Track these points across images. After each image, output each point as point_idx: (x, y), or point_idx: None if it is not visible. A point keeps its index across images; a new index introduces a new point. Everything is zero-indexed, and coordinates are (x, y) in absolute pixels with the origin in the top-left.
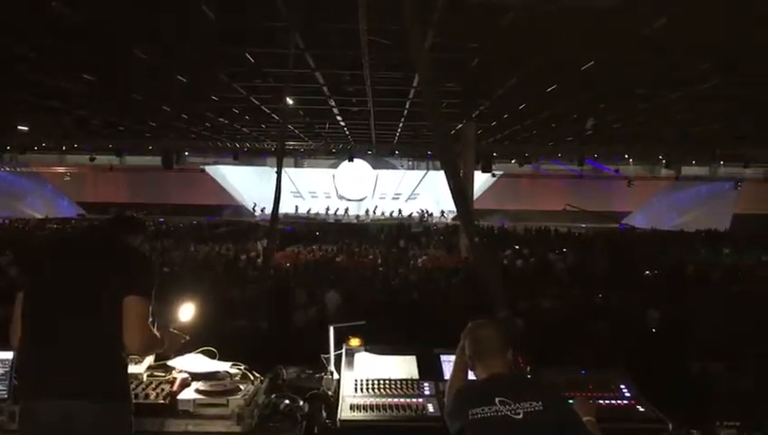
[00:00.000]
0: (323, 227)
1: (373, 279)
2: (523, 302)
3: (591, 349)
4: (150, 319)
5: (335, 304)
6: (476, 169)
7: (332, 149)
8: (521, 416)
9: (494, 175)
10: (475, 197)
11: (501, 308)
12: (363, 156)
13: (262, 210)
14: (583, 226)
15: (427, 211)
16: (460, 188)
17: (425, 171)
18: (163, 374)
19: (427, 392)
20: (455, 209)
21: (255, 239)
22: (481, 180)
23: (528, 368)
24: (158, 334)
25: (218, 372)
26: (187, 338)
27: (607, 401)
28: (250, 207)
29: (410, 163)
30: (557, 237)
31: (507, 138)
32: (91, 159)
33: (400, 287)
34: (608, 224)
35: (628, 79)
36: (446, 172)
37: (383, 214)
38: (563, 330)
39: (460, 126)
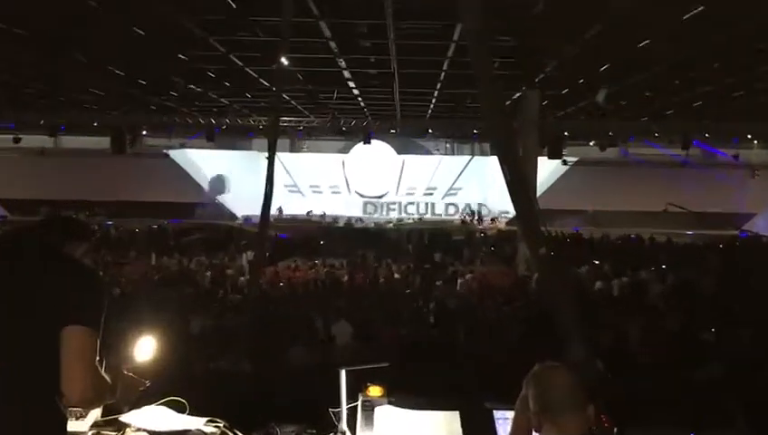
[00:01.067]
0: (330, 234)
1: (398, 305)
2: (607, 338)
3: (701, 403)
4: (98, 358)
5: (347, 338)
6: (541, 155)
7: (342, 127)
8: None
9: (565, 162)
10: (540, 192)
11: (576, 347)
12: (384, 136)
13: (246, 219)
14: (689, 233)
15: (472, 211)
16: (519, 181)
17: (468, 157)
18: (114, 433)
19: None
20: (510, 209)
21: (238, 250)
22: (548, 170)
23: (615, 429)
24: (107, 378)
25: (189, 431)
26: (147, 384)
27: None
28: (231, 206)
29: (448, 146)
30: (652, 249)
31: (583, 111)
32: (16, 141)
33: (436, 317)
34: (723, 230)
35: (752, 28)
36: (498, 158)
37: (411, 216)
38: (662, 376)
39: (518, 95)
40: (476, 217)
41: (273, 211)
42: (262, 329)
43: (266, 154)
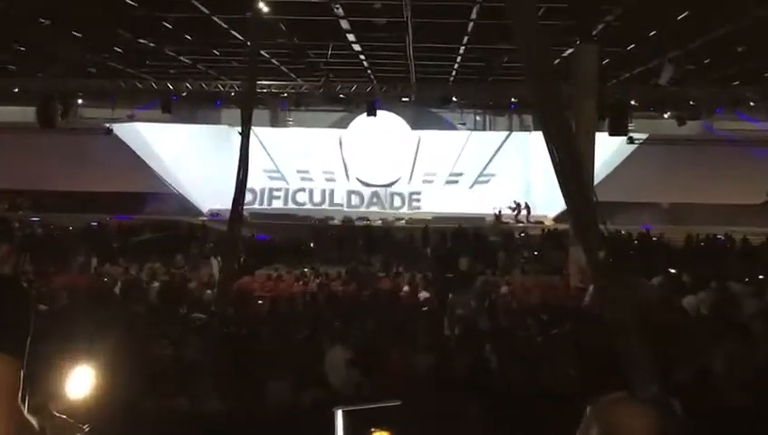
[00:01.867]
0: (323, 235)
1: (412, 326)
2: (687, 371)
3: None
4: (20, 395)
5: (343, 369)
6: (601, 130)
7: (339, 93)
8: None
9: (631, 140)
10: (599, 179)
11: (646, 382)
12: (394, 106)
13: (213, 214)
14: None
15: (518, 204)
16: (571, 165)
17: (505, 133)
18: None
19: None
20: (560, 202)
21: (203, 255)
22: (609, 150)
23: None
24: (32, 422)
25: None
26: (86, 429)
27: None
28: (193, 197)
29: (478, 119)
30: (745, 254)
31: (654, 73)
32: None
33: (461, 341)
34: None
35: None
36: (544, 135)
37: (429, 210)
38: (760, 420)
39: (571, 52)
40: (521, 212)
41: (250, 204)
42: (233, 358)
43: (239, 129)
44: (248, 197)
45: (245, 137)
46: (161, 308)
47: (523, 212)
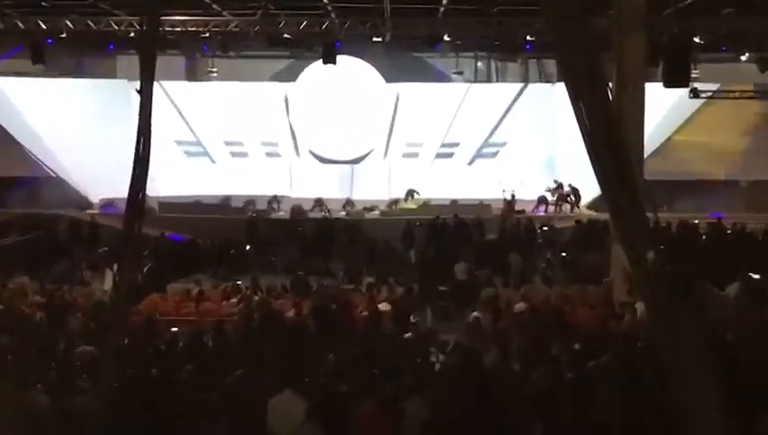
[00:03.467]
0: (264, 233)
1: (391, 361)
2: None
3: None
4: None
5: (295, 423)
6: (651, 80)
7: (283, 32)
8: None
9: (695, 94)
10: (649, 149)
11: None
12: (362, 49)
13: (106, 205)
14: None
15: (560, 185)
16: (608, 132)
17: (518, 86)
18: None
19: None
20: (593, 184)
21: (91, 263)
22: (664, 108)
23: None
24: None
25: None
26: None
27: None
28: (77, 182)
29: (480, 67)
30: None
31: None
32: None
33: (457, 382)
34: None
35: None
36: (570, 92)
37: (413, 196)
38: None
39: None
40: (564, 198)
41: (158, 191)
42: (138, 409)
43: (138, 85)
44: (155, 180)
45: (147, 95)
46: (33, 341)
47: (565, 202)
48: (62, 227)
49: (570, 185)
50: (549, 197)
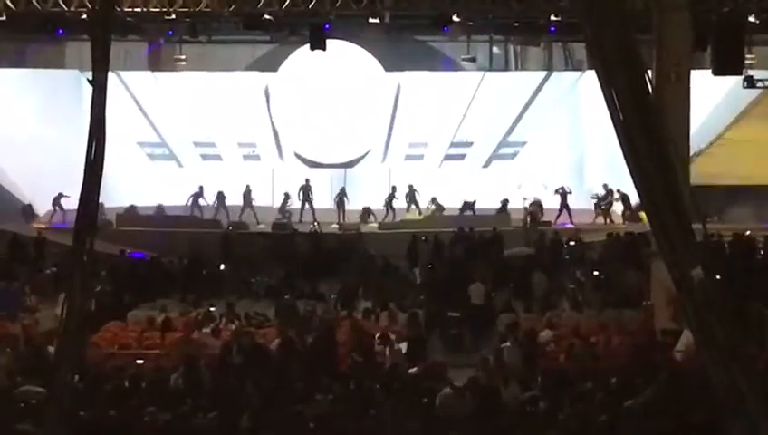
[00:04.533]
0: (242, 250)
1: (392, 401)
2: None
3: None
4: None
5: None
6: (699, 67)
7: (264, 13)
8: None
9: (750, 82)
10: (695, 148)
11: None
12: (356, 32)
13: (57, 203)
14: None
15: (609, 191)
16: (647, 128)
17: (542, 75)
18: None
19: None
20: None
21: (36, 286)
22: (714, 99)
23: None
24: None
25: None
26: None
27: None
28: (19, 190)
29: (497, 52)
30: None
31: None
32: None
33: (474, 420)
34: None
35: None
36: (602, 80)
37: (416, 205)
38: None
39: None
40: (604, 206)
41: (114, 200)
42: None
43: (91, 75)
44: (110, 190)
45: (100, 87)
46: None
47: (616, 206)
48: (1, 243)
49: (618, 190)
50: (597, 205)
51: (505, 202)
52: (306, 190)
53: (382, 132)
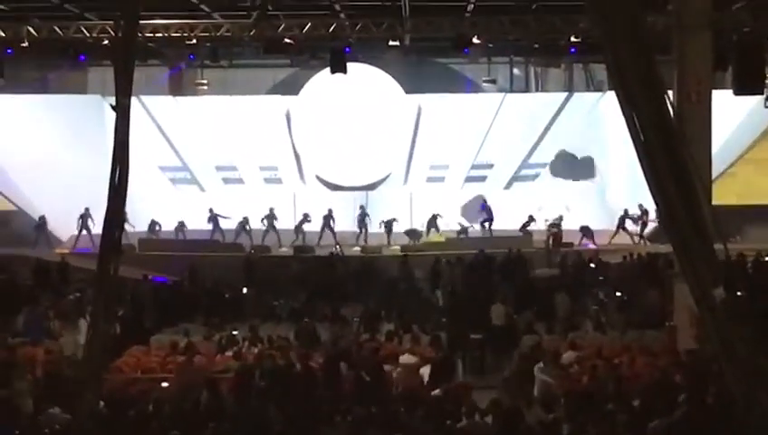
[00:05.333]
0: (264, 274)
1: (411, 422)
2: None
3: None
4: None
5: None
6: (720, 87)
7: (285, 37)
8: None
9: None
10: (718, 169)
11: None
12: (378, 55)
13: (84, 224)
14: None
15: (644, 210)
16: (667, 148)
17: (562, 96)
18: None
19: None
20: (654, 209)
21: (59, 312)
22: (735, 119)
23: None
24: None
25: None
26: None
27: None
28: (45, 217)
29: (517, 73)
30: None
31: None
32: None
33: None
34: None
35: None
36: (622, 101)
37: (436, 228)
38: None
39: None
40: (640, 226)
41: (138, 227)
42: None
43: (113, 101)
44: (133, 214)
45: (123, 112)
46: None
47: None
48: (25, 269)
49: (645, 210)
50: (631, 225)
51: (529, 221)
52: (328, 218)
53: (403, 155)
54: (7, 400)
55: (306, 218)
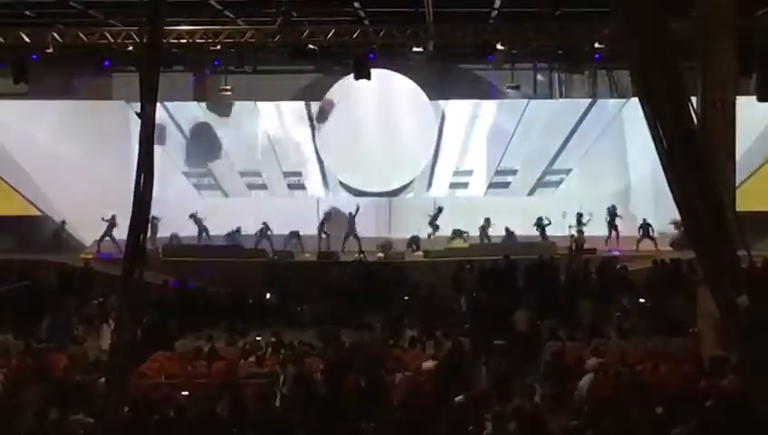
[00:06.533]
0: (286, 279)
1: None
2: None
3: None
4: None
5: None
6: (744, 93)
7: (309, 43)
8: None
9: None
10: (742, 175)
11: None
12: (401, 62)
13: (109, 230)
14: None
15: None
16: (691, 155)
17: (586, 103)
18: None
19: None
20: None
21: (83, 318)
22: (759, 125)
23: None
24: None
25: None
26: None
27: None
28: (69, 222)
29: (541, 79)
30: None
31: None
32: None
33: None
34: None
35: None
36: (645, 108)
37: (461, 233)
38: None
39: None
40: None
41: (161, 233)
42: None
43: (138, 107)
44: (159, 220)
45: (148, 119)
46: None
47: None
48: (50, 274)
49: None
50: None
51: (546, 224)
52: (352, 223)
53: (427, 161)
54: (25, 407)
55: (327, 217)
